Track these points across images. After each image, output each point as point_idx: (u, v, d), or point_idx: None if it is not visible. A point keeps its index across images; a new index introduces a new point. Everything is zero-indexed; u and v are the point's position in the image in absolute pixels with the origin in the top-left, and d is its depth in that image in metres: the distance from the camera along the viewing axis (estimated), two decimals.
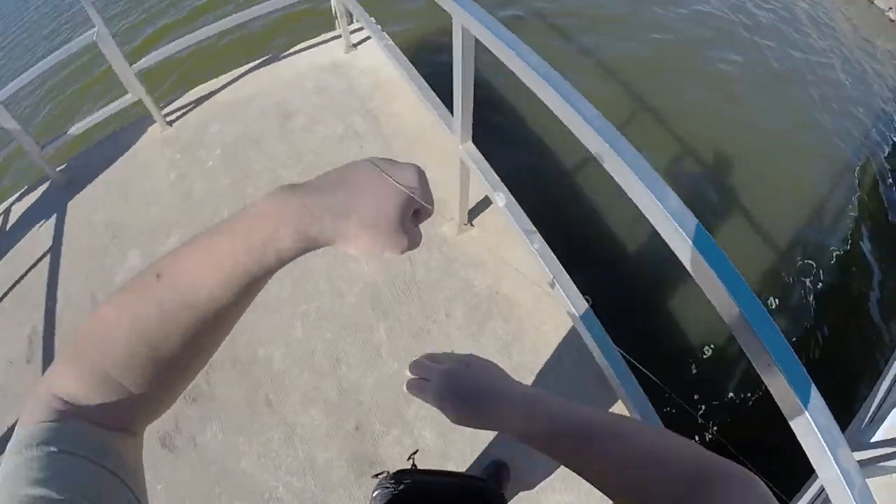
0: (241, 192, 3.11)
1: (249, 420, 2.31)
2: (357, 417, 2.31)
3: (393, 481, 1.20)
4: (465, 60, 1.97)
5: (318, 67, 3.96)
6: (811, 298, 4.75)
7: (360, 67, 3.92)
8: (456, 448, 2.24)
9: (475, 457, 2.22)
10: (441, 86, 2.79)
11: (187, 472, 2.18)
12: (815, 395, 0.94)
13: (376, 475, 1.25)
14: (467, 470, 2.18)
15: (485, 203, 3.06)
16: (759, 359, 0.98)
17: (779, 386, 0.96)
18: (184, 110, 3.67)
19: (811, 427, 0.91)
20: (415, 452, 1.34)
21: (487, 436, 2.28)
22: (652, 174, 1.17)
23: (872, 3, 14.11)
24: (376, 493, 1.19)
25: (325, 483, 2.15)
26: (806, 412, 0.92)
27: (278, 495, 2.12)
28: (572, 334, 2.59)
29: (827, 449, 0.90)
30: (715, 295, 1.06)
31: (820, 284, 4.90)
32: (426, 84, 2.80)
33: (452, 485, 1.33)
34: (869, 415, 2.61)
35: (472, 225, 3.00)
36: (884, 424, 2.39)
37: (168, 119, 3.58)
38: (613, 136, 1.24)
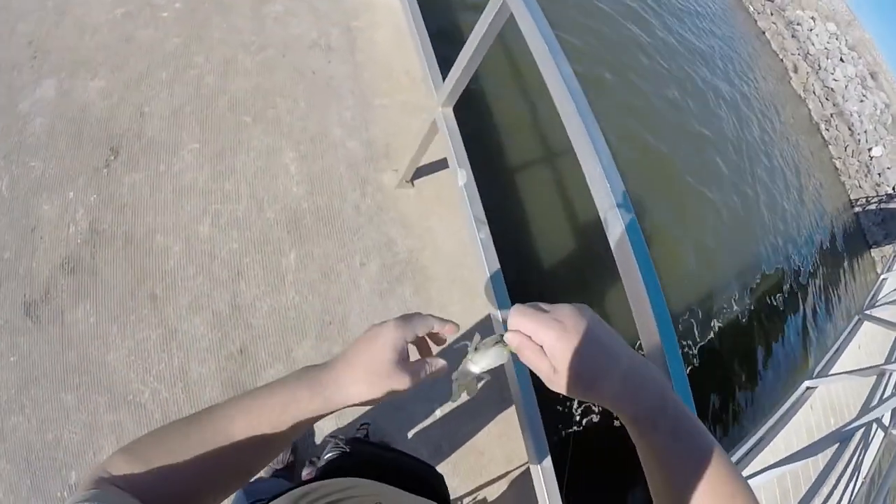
0: (188, 60, 2.74)
1: (128, 310, 2.06)
2: (243, 340, 2.17)
3: (348, 446, 1.20)
4: (490, 29, 1.83)
5: None
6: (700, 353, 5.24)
7: None
8: None
9: (354, 416, 2.17)
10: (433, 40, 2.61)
11: (47, 349, 1.91)
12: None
13: (331, 435, 1.21)
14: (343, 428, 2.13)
15: (432, 167, 2.95)
16: None
17: None
18: None
19: None
20: (367, 424, 1.27)
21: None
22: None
23: (827, 146, 15.56)
24: (329, 454, 1.19)
25: (194, 399, 1.99)
26: None
27: (142, 401, 1.93)
28: (478, 324, 2.59)
29: None
30: (641, 319, 1.14)
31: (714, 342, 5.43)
32: (426, 31, 2.61)
33: (402, 463, 1.30)
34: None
35: (412, 184, 2.89)
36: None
37: None
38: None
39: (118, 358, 1.99)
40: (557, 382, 0.65)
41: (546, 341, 0.64)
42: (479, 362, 0.75)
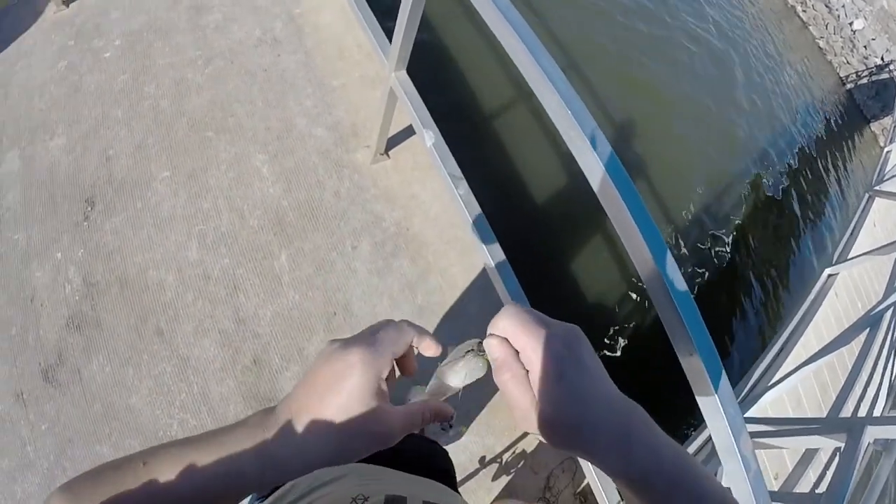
0: (139, 91, 2.66)
1: (139, 351, 2.06)
2: (254, 351, 2.16)
3: None
4: None
5: None
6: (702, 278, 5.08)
7: None
8: None
9: None
10: (375, 5, 2.49)
11: (73, 409, 1.92)
12: (726, 386, 1.00)
13: None
14: None
15: (404, 134, 2.85)
16: (682, 346, 1.01)
17: (697, 373, 1.01)
18: None
19: (720, 413, 1.00)
20: None
21: None
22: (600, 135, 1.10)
23: (807, 27, 14.67)
24: None
25: (221, 420, 1.98)
26: (717, 399, 1.00)
27: (172, 433, 1.93)
28: (480, 280, 2.54)
29: (732, 437, 1.00)
30: (632, 246, 1.05)
31: (712, 266, 5.23)
32: (364, 1, 2.48)
33: (402, 442, 1.24)
34: (743, 393, 2.84)
35: (388, 156, 2.79)
36: (758, 403, 2.60)
37: None
38: (571, 97, 1.15)
39: (141, 398, 1.99)
40: (543, 426, 0.50)
41: (539, 363, 0.49)
42: (449, 376, 0.59)
